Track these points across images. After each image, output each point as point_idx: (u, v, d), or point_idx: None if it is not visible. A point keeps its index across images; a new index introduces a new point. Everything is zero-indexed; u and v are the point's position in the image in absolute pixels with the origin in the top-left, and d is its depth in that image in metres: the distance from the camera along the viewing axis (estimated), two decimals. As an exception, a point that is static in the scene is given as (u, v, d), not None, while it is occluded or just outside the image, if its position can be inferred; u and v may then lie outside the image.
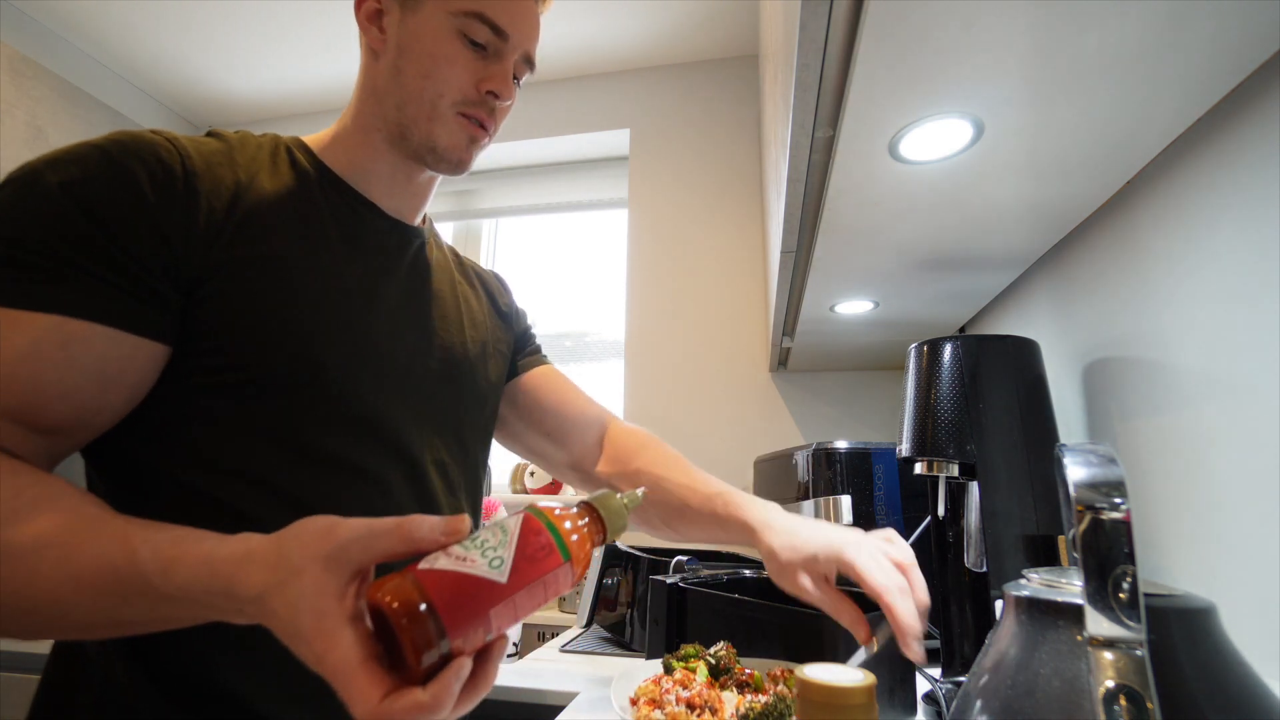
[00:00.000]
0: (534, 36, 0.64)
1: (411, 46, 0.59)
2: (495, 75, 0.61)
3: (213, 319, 0.50)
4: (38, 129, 1.71)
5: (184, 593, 0.37)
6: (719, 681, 0.63)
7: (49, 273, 0.43)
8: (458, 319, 0.69)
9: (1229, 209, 0.61)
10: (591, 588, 1.35)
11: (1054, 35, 0.51)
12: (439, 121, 0.60)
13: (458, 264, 0.78)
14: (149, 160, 0.48)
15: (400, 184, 0.65)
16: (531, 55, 0.65)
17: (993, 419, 0.76)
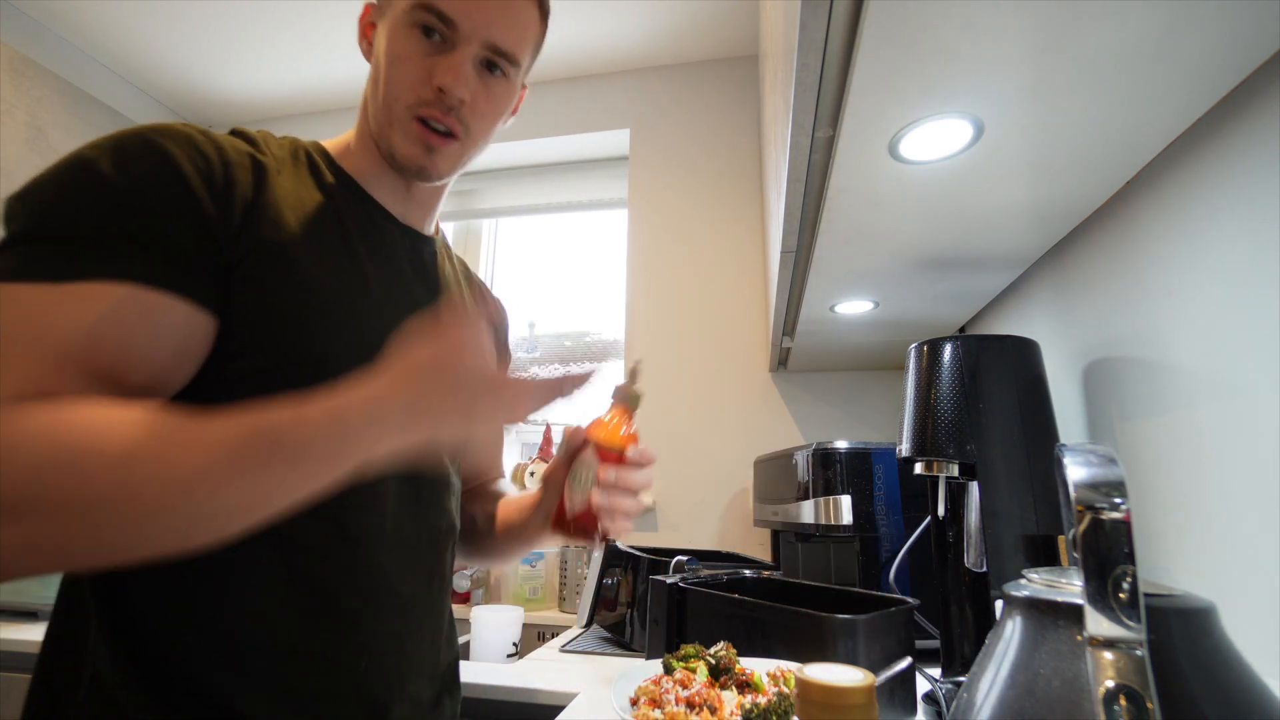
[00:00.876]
0: (498, 24, 0.59)
1: (380, 53, 0.60)
2: (443, 68, 0.57)
3: (235, 306, 0.50)
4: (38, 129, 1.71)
5: (318, 434, 0.40)
6: (719, 681, 0.63)
7: (116, 247, 0.45)
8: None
9: (1229, 209, 0.61)
10: (591, 588, 1.35)
11: (1054, 35, 0.51)
12: (395, 126, 0.59)
13: (467, 280, 0.79)
14: (187, 148, 0.50)
15: (402, 193, 0.65)
16: (503, 46, 0.60)
17: (993, 419, 0.76)
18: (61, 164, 0.47)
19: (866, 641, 0.67)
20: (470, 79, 0.59)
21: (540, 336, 2.13)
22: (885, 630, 0.70)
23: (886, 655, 0.70)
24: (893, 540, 1.04)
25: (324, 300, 0.54)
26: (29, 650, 1.03)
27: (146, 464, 0.38)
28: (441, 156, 0.61)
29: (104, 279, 0.44)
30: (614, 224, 2.11)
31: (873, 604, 0.76)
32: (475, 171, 2.19)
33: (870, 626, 0.67)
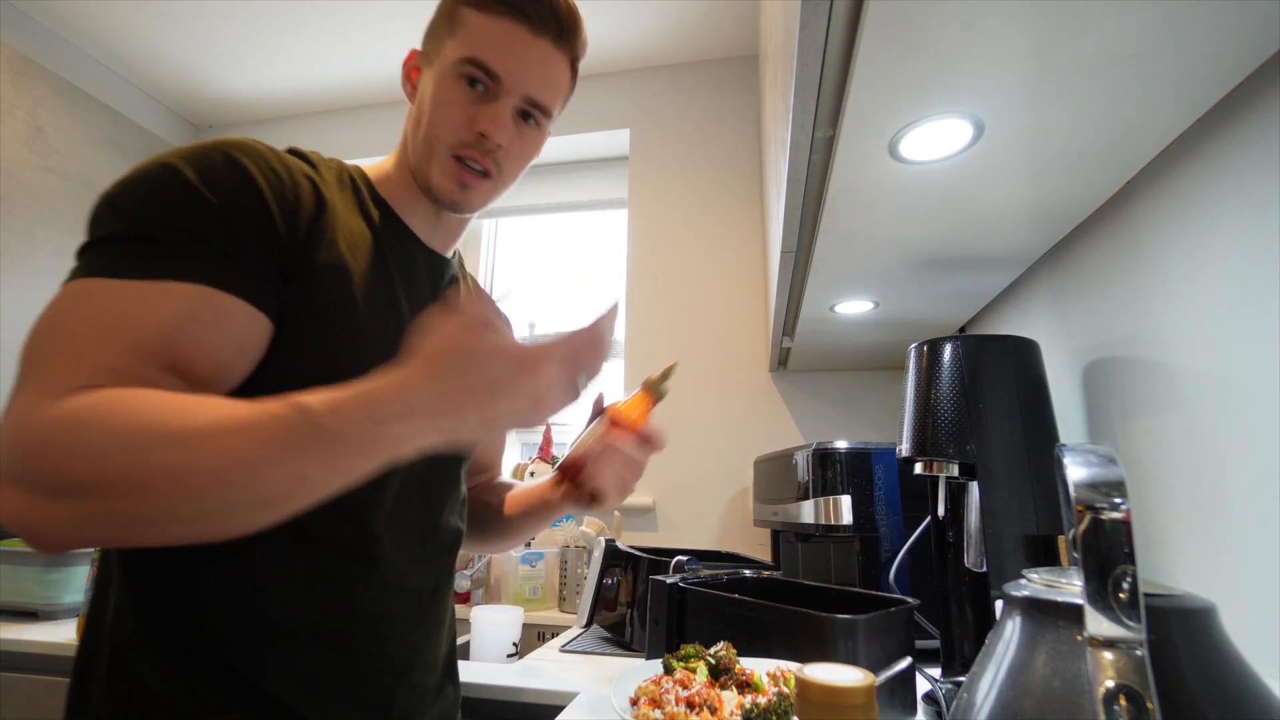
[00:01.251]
0: (537, 80, 0.65)
1: (424, 96, 0.65)
2: (487, 116, 0.63)
3: (286, 319, 0.54)
4: (38, 129, 1.71)
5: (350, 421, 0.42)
6: (719, 681, 0.63)
7: (195, 251, 0.49)
8: None
9: (1229, 209, 0.61)
10: (591, 588, 1.35)
11: (1054, 35, 0.51)
12: (434, 162, 0.64)
13: (484, 298, 0.86)
14: (263, 165, 0.55)
15: (432, 220, 0.70)
16: (539, 99, 0.66)
17: (993, 419, 0.76)
18: (148, 170, 0.51)
19: (866, 641, 0.67)
20: (508, 127, 0.65)
21: (540, 336, 2.13)
22: (885, 630, 0.70)
23: (886, 655, 0.70)
24: (893, 540, 1.04)
25: (363, 323, 0.59)
26: (29, 650, 1.03)
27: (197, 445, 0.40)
28: (475, 192, 0.66)
29: (183, 279, 0.48)
30: (614, 224, 2.11)
31: (873, 604, 0.76)
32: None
33: (870, 626, 0.67)
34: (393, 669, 0.61)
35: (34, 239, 1.68)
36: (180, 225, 0.49)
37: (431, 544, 0.66)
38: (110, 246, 0.48)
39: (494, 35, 0.62)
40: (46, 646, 1.03)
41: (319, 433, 0.41)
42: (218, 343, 0.50)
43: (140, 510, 0.40)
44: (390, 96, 2.19)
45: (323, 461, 0.42)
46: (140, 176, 0.51)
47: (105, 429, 0.40)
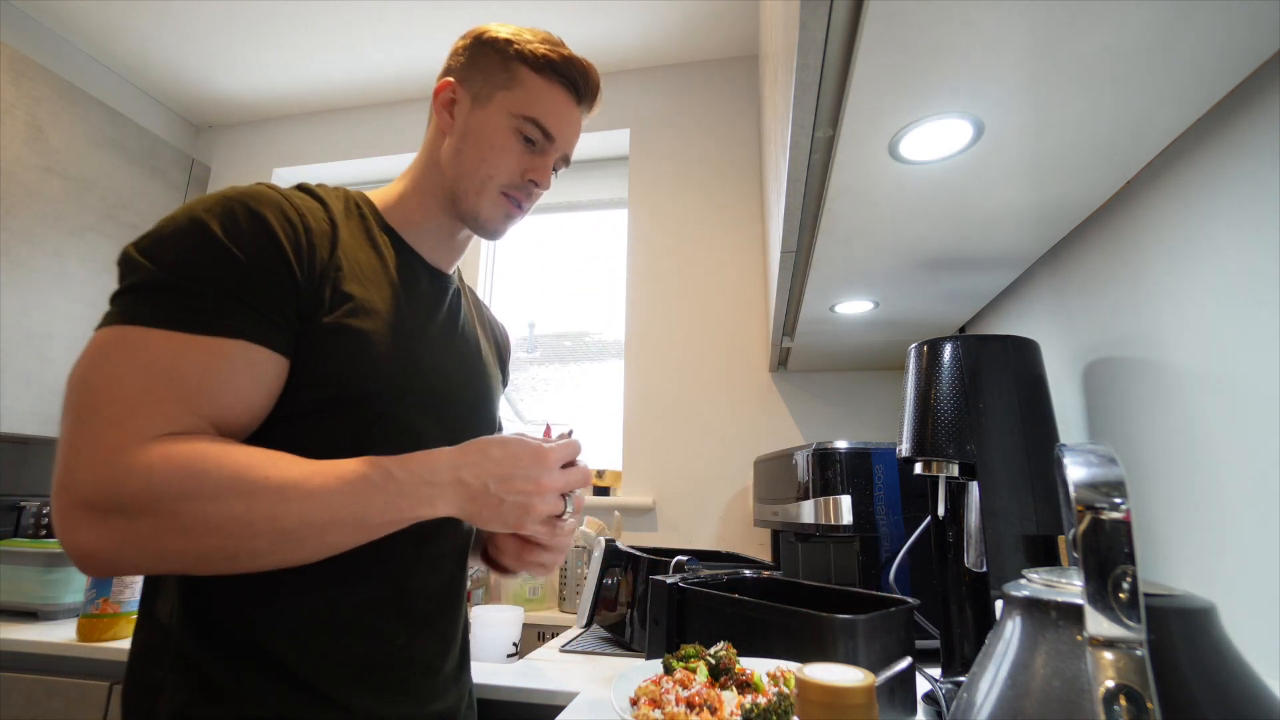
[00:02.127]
0: (575, 140, 0.76)
1: (475, 134, 0.71)
2: (539, 168, 0.73)
3: (304, 348, 0.60)
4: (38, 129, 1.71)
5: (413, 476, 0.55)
6: (719, 681, 0.63)
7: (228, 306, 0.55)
8: (479, 360, 0.80)
9: (1228, 209, 0.61)
10: (591, 588, 1.35)
11: (1054, 35, 0.51)
12: (485, 197, 0.72)
13: (479, 311, 0.89)
14: (279, 216, 0.60)
15: (444, 240, 0.76)
16: (569, 155, 0.77)
17: (993, 419, 0.76)
18: (178, 222, 0.56)
19: (866, 641, 0.66)
20: (550, 176, 0.75)
21: (540, 336, 2.13)
22: (885, 630, 0.70)
23: (886, 655, 0.70)
24: (893, 540, 1.04)
25: (375, 343, 0.64)
26: (29, 650, 1.03)
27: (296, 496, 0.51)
28: (510, 225, 0.76)
29: (224, 335, 0.54)
30: (614, 224, 2.11)
31: (873, 604, 0.76)
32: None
33: (870, 626, 0.67)
34: (424, 657, 0.67)
35: (34, 239, 1.68)
36: (212, 279, 0.55)
37: (451, 531, 0.71)
38: (150, 295, 0.53)
39: (551, 101, 0.71)
40: (46, 646, 1.03)
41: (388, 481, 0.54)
42: (252, 392, 0.56)
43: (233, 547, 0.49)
44: (388, 96, 2.19)
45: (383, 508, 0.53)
46: (171, 229, 0.56)
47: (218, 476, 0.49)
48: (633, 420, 1.80)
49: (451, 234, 0.76)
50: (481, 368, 0.80)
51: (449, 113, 0.73)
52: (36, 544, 1.23)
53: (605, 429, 1.95)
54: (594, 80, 0.74)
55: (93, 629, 1.04)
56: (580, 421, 2.02)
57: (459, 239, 0.77)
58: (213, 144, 2.38)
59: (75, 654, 1.03)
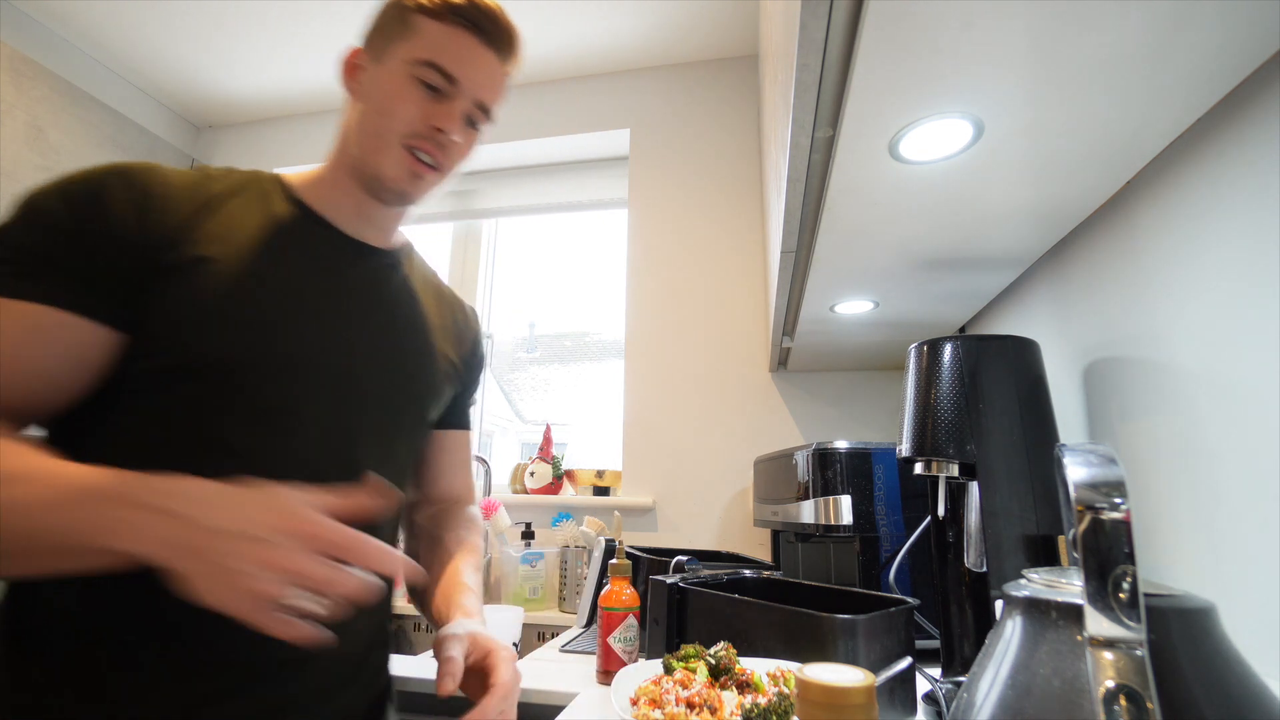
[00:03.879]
0: (490, 87, 0.70)
1: (375, 91, 0.68)
2: (443, 114, 0.68)
3: (151, 313, 0.57)
4: (38, 129, 1.71)
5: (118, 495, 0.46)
6: (719, 681, 0.63)
7: (33, 269, 0.53)
8: (412, 347, 0.75)
9: (1229, 209, 0.61)
10: (591, 588, 1.35)
11: (1054, 35, 0.51)
12: (385, 152, 0.67)
13: (437, 295, 0.84)
14: (126, 180, 0.58)
15: (365, 215, 0.72)
16: (488, 105, 0.71)
17: (993, 419, 0.76)
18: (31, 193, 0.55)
19: (866, 641, 0.67)
20: (461, 126, 0.70)
21: (540, 336, 2.13)
22: (885, 630, 0.70)
23: (886, 655, 0.70)
24: (893, 540, 1.04)
25: (230, 306, 0.59)
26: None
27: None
28: (423, 184, 0.70)
29: (28, 300, 0.52)
30: (614, 224, 2.11)
31: (873, 604, 0.76)
32: (475, 172, 2.19)
33: (870, 626, 0.67)
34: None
35: (34, 239, 1.68)
36: (20, 243, 0.54)
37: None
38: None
39: (450, 42, 0.67)
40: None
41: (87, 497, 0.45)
42: (51, 359, 0.53)
43: None
44: (390, 96, 2.19)
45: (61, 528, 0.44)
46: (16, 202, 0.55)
47: None
48: (633, 420, 1.80)
49: (370, 209, 0.72)
50: (417, 355, 0.75)
51: (354, 79, 0.71)
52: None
53: (605, 429, 1.95)
54: (502, 21, 0.69)
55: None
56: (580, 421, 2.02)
57: (382, 213, 0.73)
58: (213, 144, 2.38)
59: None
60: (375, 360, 0.69)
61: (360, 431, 0.67)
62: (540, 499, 1.78)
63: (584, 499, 1.75)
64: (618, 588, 0.92)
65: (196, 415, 0.58)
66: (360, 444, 0.67)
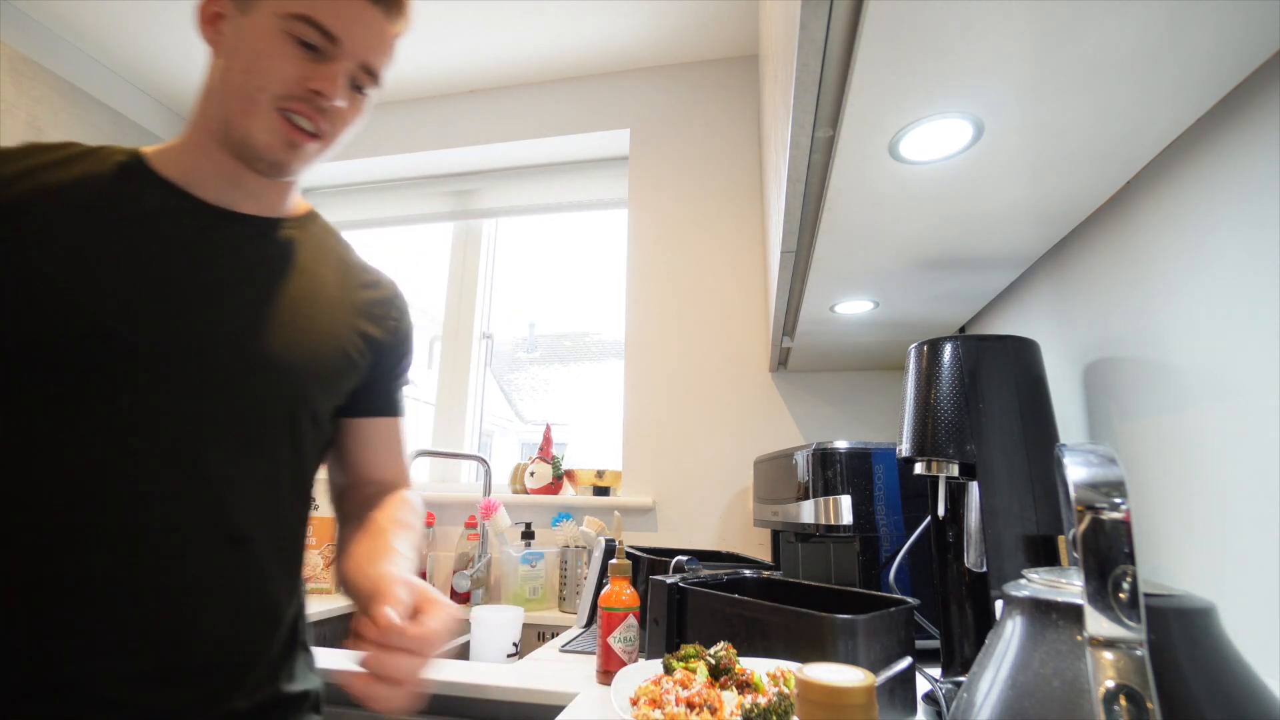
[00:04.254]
0: (375, 48, 0.64)
1: (241, 45, 0.61)
2: (321, 75, 0.61)
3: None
4: (38, 129, 1.71)
5: None
6: (719, 681, 0.63)
7: None
8: (290, 318, 0.66)
9: (1229, 209, 0.61)
10: (591, 588, 1.35)
11: (1054, 35, 0.51)
12: (256, 116, 0.60)
13: (342, 268, 0.75)
14: None
15: (232, 182, 0.65)
16: (373, 67, 0.65)
17: (993, 419, 0.76)
18: None
19: (866, 641, 0.67)
20: (345, 89, 0.63)
21: (540, 336, 2.13)
22: (885, 630, 0.70)
23: (886, 655, 0.70)
24: (893, 540, 1.04)
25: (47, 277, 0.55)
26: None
27: None
28: (301, 153, 0.64)
29: None
30: (614, 224, 2.11)
31: (873, 604, 0.76)
32: (475, 171, 2.19)
33: (870, 626, 0.67)
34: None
35: (34, 239, 1.68)
36: None
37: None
38: None
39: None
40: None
41: None
42: None
43: None
44: (387, 97, 2.19)
45: None
46: None
47: None
48: (633, 420, 1.80)
49: (239, 174, 0.65)
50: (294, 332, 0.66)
51: (215, 29, 0.63)
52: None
53: (605, 429, 1.95)
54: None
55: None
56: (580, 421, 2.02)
57: (254, 181, 0.66)
58: (213, 144, 2.38)
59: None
60: (224, 338, 0.61)
61: (203, 421, 0.59)
62: (540, 499, 1.78)
63: (584, 499, 1.75)
64: (618, 588, 0.92)
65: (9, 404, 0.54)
66: (204, 436, 0.59)
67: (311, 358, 0.67)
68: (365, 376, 0.75)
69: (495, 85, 2.11)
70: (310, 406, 0.68)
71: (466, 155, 2.13)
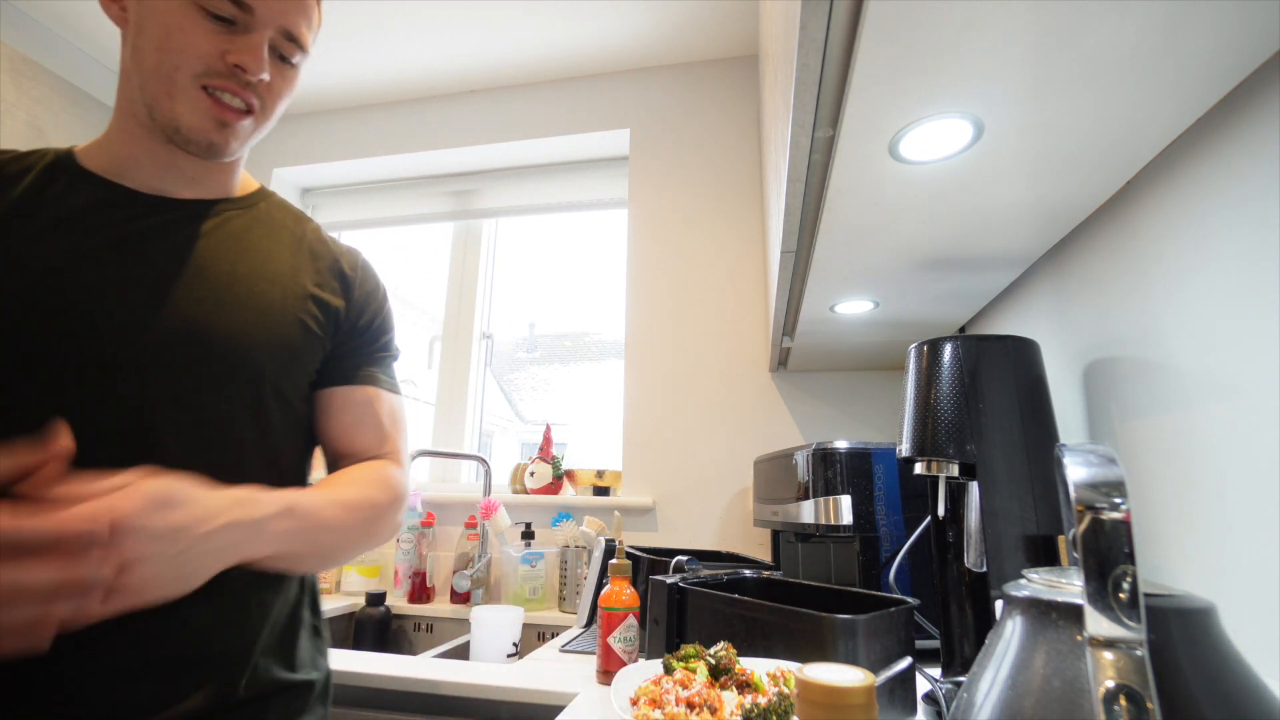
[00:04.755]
0: (292, 13, 0.62)
1: (148, 21, 0.59)
2: (240, 48, 0.59)
3: None
4: (38, 129, 1.71)
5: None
6: (719, 681, 0.63)
7: None
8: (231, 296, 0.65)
9: (1229, 209, 0.61)
10: (591, 588, 1.35)
11: (1054, 35, 0.51)
12: (179, 98, 0.59)
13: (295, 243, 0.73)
14: None
15: (165, 167, 0.64)
16: (295, 33, 0.62)
17: (993, 419, 0.76)
18: None
19: (866, 641, 0.67)
20: (266, 61, 0.61)
21: (540, 336, 2.13)
22: (885, 630, 0.70)
23: (886, 655, 0.70)
24: (893, 540, 1.04)
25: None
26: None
27: None
28: (235, 132, 0.62)
29: None
30: (614, 224, 2.11)
31: (873, 604, 0.76)
32: (475, 172, 2.19)
33: (870, 626, 0.67)
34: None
35: (34, 239, 1.68)
36: None
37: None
38: None
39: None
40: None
41: None
42: None
43: None
44: (388, 96, 2.19)
45: None
46: None
47: None
48: (633, 420, 1.80)
49: (170, 158, 0.63)
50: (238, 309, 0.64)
51: (118, 4, 0.61)
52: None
53: (605, 429, 1.95)
54: None
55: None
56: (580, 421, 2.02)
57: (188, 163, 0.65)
58: (213, 144, 2.38)
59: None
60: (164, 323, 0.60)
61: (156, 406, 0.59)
62: (540, 499, 1.78)
63: (584, 499, 1.75)
64: (618, 588, 0.92)
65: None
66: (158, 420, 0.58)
67: (263, 332, 0.65)
68: (330, 347, 0.73)
69: (495, 85, 2.11)
70: (272, 383, 0.66)
71: (466, 155, 2.13)
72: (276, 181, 2.28)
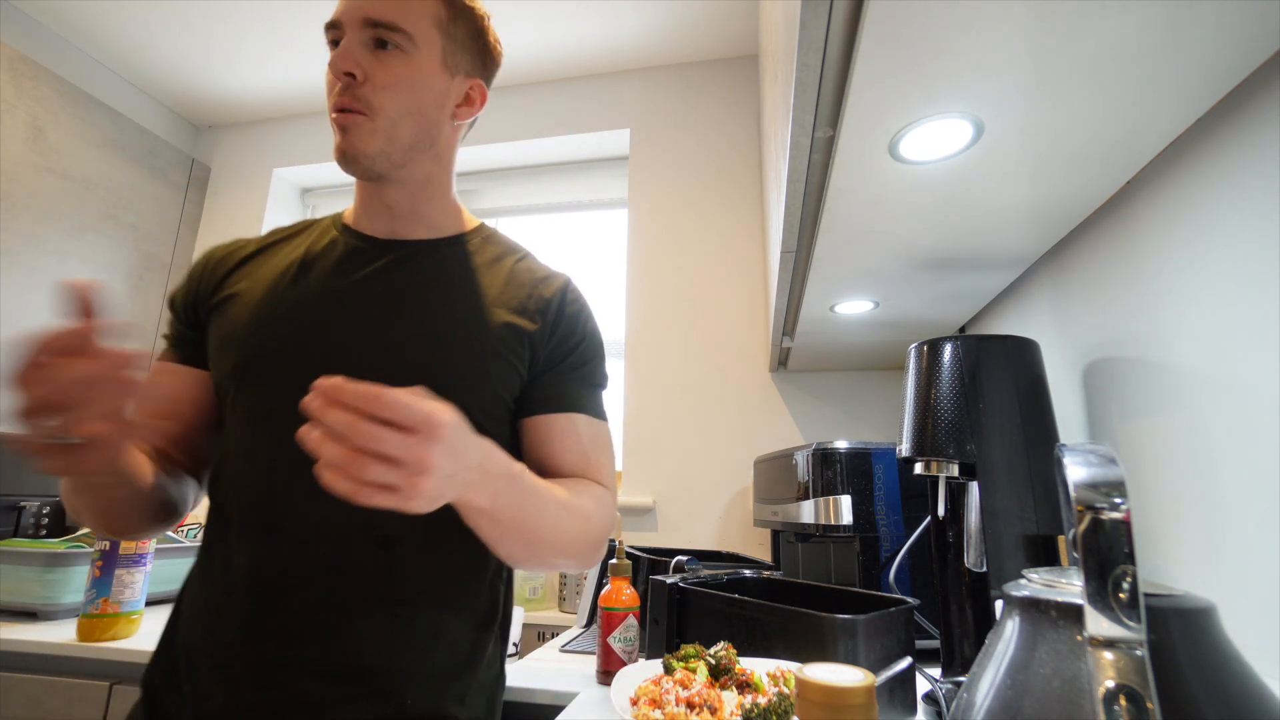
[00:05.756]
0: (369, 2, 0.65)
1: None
2: (335, 57, 0.65)
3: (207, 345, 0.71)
4: (38, 129, 1.71)
5: None
6: (719, 681, 0.63)
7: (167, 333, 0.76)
8: (436, 328, 0.69)
9: (1228, 209, 0.61)
10: (591, 588, 1.35)
11: (1054, 35, 0.51)
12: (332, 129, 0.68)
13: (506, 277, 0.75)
14: (198, 262, 0.76)
15: (378, 209, 0.74)
16: (379, 19, 0.65)
17: (993, 419, 0.76)
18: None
19: (866, 641, 0.67)
20: (356, 55, 0.64)
21: (540, 336, 2.13)
22: (885, 630, 0.70)
23: (886, 655, 0.70)
24: (893, 540, 1.04)
25: (237, 327, 0.68)
26: (29, 650, 1.03)
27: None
28: (351, 135, 0.65)
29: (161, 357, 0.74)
30: (614, 224, 2.11)
31: (873, 604, 0.76)
32: (475, 171, 2.19)
33: (870, 626, 0.67)
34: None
35: (34, 239, 1.68)
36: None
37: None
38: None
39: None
40: (46, 646, 1.03)
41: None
42: (170, 394, 0.69)
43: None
44: (390, 96, 2.19)
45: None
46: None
47: None
48: (633, 420, 1.80)
49: (369, 195, 0.74)
50: (430, 345, 0.67)
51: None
52: (37, 544, 1.23)
53: (605, 429, 1.95)
54: None
55: (93, 629, 1.04)
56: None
57: (380, 198, 0.73)
58: (213, 144, 2.38)
59: (75, 654, 1.03)
60: (368, 356, 0.65)
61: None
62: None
63: (584, 499, 1.75)
64: (618, 588, 0.92)
65: (231, 424, 0.67)
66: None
67: (454, 366, 0.68)
68: (529, 375, 0.73)
69: (495, 85, 2.10)
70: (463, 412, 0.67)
71: (466, 155, 2.13)
72: (276, 181, 2.28)
